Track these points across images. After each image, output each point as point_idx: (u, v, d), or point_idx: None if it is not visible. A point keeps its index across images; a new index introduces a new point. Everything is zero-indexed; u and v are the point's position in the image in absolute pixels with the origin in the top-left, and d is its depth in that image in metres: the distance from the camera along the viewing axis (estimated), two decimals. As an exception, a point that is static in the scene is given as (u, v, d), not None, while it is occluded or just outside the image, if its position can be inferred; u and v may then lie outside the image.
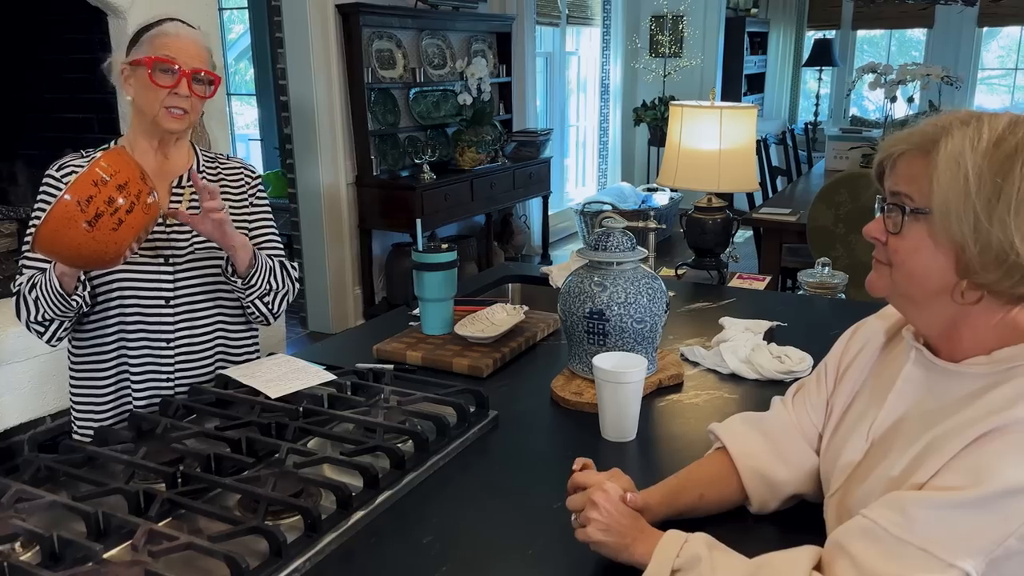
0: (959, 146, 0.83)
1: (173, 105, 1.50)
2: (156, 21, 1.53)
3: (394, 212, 4.47)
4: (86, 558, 0.99)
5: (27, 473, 1.22)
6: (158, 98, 1.49)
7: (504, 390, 1.59)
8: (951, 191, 0.83)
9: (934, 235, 0.85)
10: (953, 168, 0.83)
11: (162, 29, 1.51)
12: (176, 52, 1.49)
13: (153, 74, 1.47)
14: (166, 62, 1.48)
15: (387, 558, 1.06)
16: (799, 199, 4.49)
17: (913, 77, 5.16)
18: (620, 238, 1.55)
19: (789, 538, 0.98)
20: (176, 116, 1.51)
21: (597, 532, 0.98)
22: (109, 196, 1.27)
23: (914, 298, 0.91)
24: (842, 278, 2.27)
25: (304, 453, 1.25)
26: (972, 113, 0.86)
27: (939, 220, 0.84)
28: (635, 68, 7.59)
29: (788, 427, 1.12)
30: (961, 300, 0.86)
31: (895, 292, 0.92)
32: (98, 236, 1.29)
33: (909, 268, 0.89)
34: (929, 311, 0.90)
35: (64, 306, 1.46)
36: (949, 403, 0.88)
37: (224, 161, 1.69)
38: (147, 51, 1.49)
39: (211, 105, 3.01)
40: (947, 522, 0.79)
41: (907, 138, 0.89)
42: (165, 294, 1.57)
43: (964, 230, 0.82)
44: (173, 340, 1.59)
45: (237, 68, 7.45)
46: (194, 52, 1.51)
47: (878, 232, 0.91)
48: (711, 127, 2.27)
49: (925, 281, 0.88)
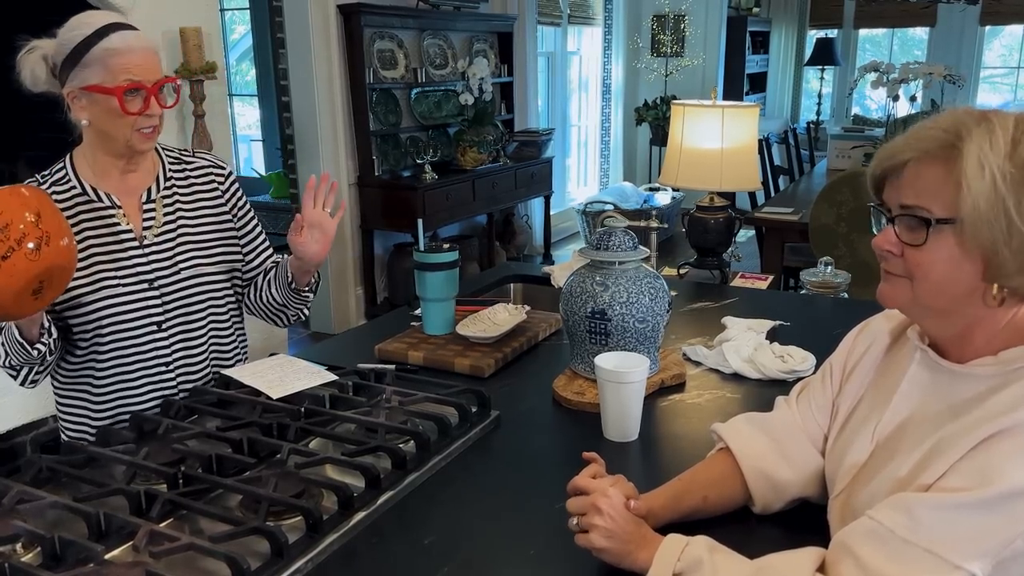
0: (981, 150, 0.81)
1: (145, 126, 1.40)
2: (95, 33, 1.35)
3: (396, 212, 4.47)
4: (87, 559, 0.99)
5: (28, 474, 1.22)
6: (128, 123, 1.38)
7: (506, 390, 1.58)
8: (980, 197, 0.80)
9: (963, 243, 0.83)
10: (980, 173, 0.80)
11: (111, 46, 1.34)
12: (137, 70, 1.35)
13: (124, 103, 1.35)
14: (135, 87, 1.35)
15: (389, 558, 1.06)
16: (801, 198, 4.48)
17: (915, 76, 5.15)
18: (622, 237, 1.55)
19: (792, 539, 0.97)
20: (148, 135, 1.41)
21: (600, 539, 0.97)
22: None
23: (936, 307, 0.88)
24: (845, 277, 2.26)
25: (306, 453, 1.25)
26: (978, 113, 0.84)
27: (969, 227, 0.81)
28: (637, 67, 7.58)
29: (792, 427, 1.11)
30: (991, 304, 0.84)
31: (916, 304, 0.90)
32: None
33: (935, 278, 0.86)
34: (950, 318, 0.89)
35: (25, 356, 1.35)
36: (955, 404, 0.88)
37: (190, 160, 1.59)
38: (103, 75, 1.34)
39: (213, 106, 3.02)
40: (953, 523, 0.79)
41: (913, 144, 0.86)
42: (156, 319, 1.50)
43: (996, 234, 0.81)
44: (172, 363, 1.53)
45: (239, 69, 7.46)
46: (151, 62, 1.38)
47: (891, 245, 0.88)
48: (713, 126, 2.27)
49: (951, 289, 0.86)
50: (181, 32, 2.84)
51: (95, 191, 1.45)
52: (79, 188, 1.45)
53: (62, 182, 1.45)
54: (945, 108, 0.91)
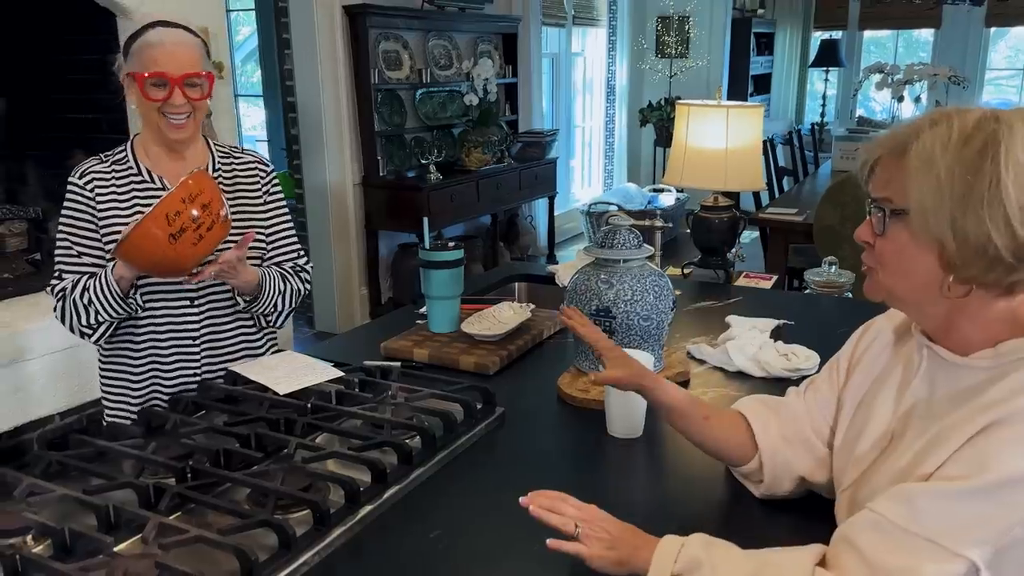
0: (929, 146, 0.85)
1: (172, 113, 1.50)
2: (140, 29, 1.50)
3: (400, 212, 4.48)
4: (97, 551, 1.00)
5: (38, 468, 1.23)
6: (154, 110, 1.50)
7: (511, 387, 1.59)
8: (925, 191, 0.85)
9: (914, 234, 0.87)
10: (925, 168, 0.85)
11: (146, 40, 1.48)
12: (164, 62, 1.47)
13: (146, 89, 1.48)
14: (156, 76, 1.47)
15: (395, 552, 1.07)
16: (806, 199, 4.48)
17: (920, 77, 5.15)
18: (627, 236, 1.56)
19: (798, 536, 0.98)
20: (177, 125, 1.52)
21: (601, 547, 0.96)
22: (193, 213, 1.38)
23: (904, 298, 0.93)
24: (849, 277, 2.27)
25: (313, 448, 1.26)
26: (944, 112, 0.88)
27: (916, 219, 0.86)
28: (641, 69, 7.58)
29: (801, 415, 1.13)
30: (948, 294, 0.87)
31: (888, 294, 0.94)
32: (180, 249, 1.39)
33: (894, 268, 0.91)
34: (922, 308, 0.92)
35: (121, 309, 1.50)
36: (955, 395, 0.89)
37: (238, 155, 1.69)
38: (136, 65, 1.48)
39: (219, 105, 3.04)
40: (953, 512, 0.80)
41: (883, 143, 0.92)
42: (190, 294, 1.59)
43: (941, 227, 0.84)
44: (199, 337, 1.61)
45: (244, 70, 7.47)
46: (183, 57, 1.49)
47: (866, 235, 0.94)
48: (718, 126, 2.27)
49: (912, 279, 0.90)
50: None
51: (149, 173, 1.58)
52: (135, 169, 1.58)
53: (122, 162, 1.58)
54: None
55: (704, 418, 1.17)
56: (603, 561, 0.96)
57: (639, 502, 1.24)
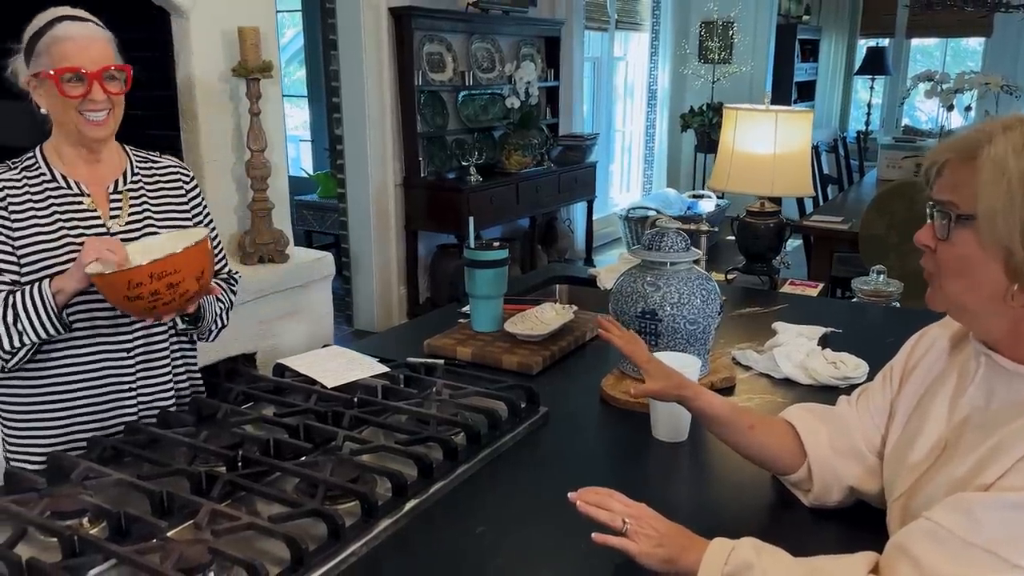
0: (1002, 152, 0.84)
1: (90, 110, 1.40)
2: (46, 24, 1.39)
3: (440, 213, 4.51)
4: (151, 535, 1.02)
5: (94, 452, 1.26)
6: (72, 108, 1.39)
7: (553, 388, 1.59)
8: (995, 196, 0.83)
9: (981, 241, 0.85)
10: (996, 174, 0.83)
11: (54, 35, 1.38)
12: (77, 57, 1.37)
13: (61, 86, 1.37)
14: (71, 71, 1.37)
15: (441, 546, 1.08)
16: (851, 207, 4.42)
17: (971, 86, 5.04)
18: (674, 238, 1.55)
19: (848, 544, 0.97)
20: (97, 123, 1.41)
21: (649, 545, 0.96)
22: (154, 289, 1.30)
23: (967, 306, 0.91)
24: (897, 286, 2.23)
25: (360, 441, 1.27)
26: (1018, 117, 0.87)
27: (984, 225, 0.84)
28: (683, 74, 7.54)
29: (851, 425, 1.12)
30: (1013, 303, 0.85)
31: (952, 304, 0.92)
32: (133, 306, 1.33)
33: (956, 274, 0.89)
34: (985, 318, 0.90)
35: (52, 327, 1.36)
36: (1016, 405, 0.87)
37: (156, 160, 1.59)
38: (47, 63, 1.37)
39: (268, 106, 3.08)
40: (1014, 523, 0.78)
41: (951, 146, 0.90)
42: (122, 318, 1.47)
43: (1010, 234, 0.83)
44: (133, 350, 1.49)
45: (287, 71, 7.57)
46: (96, 50, 1.39)
47: (927, 239, 0.92)
48: (766, 130, 2.25)
49: (976, 287, 0.88)
50: (240, 31, 2.89)
51: (64, 179, 1.47)
52: (49, 175, 1.46)
53: (32, 168, 1.46)
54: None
55: (749, 427, 1.16)
56: (651, 558, 0.96)
57: (684, 505, 1.23)
